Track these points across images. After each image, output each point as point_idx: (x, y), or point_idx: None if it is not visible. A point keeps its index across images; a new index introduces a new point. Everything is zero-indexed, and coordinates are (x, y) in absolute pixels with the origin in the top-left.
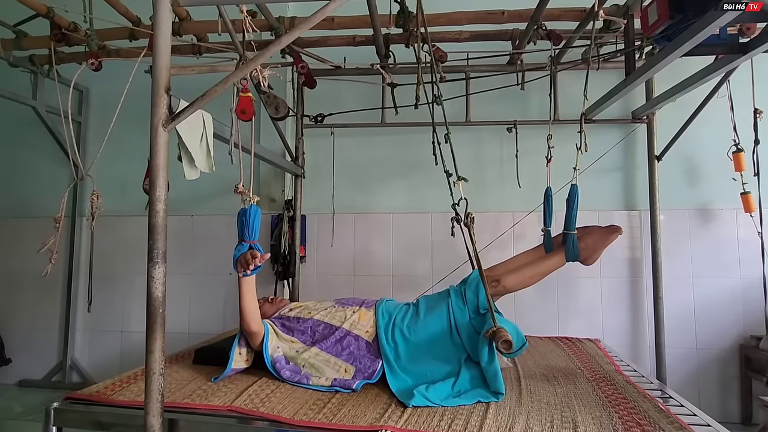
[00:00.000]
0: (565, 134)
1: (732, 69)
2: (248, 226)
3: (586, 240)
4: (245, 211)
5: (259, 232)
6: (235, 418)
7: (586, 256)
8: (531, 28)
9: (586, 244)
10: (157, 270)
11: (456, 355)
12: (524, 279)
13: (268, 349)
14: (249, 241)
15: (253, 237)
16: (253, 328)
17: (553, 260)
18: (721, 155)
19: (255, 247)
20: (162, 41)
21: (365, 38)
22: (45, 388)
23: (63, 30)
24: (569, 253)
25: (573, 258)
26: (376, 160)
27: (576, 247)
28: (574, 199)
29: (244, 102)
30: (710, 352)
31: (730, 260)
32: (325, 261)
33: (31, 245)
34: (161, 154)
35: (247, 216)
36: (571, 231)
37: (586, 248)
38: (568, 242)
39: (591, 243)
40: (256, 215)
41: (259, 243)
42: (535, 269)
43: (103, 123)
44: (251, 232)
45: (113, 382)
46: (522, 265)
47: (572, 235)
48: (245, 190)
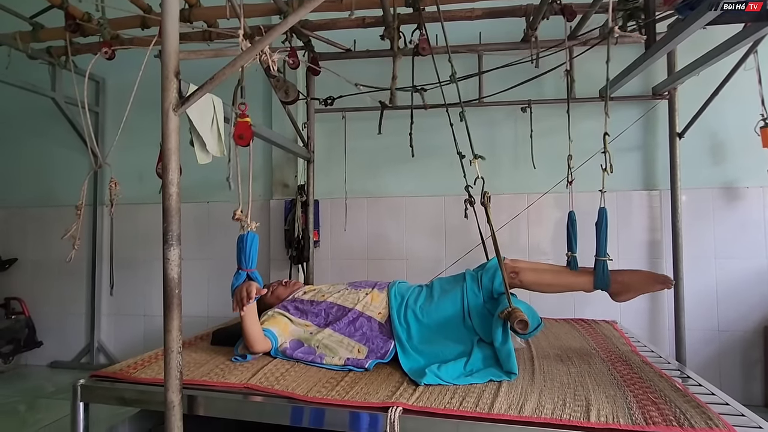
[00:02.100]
0: (582, 112)
1: (760, 38)
2: (245, 253)
3: (625, 276)
4: (242, 237)
5: (257, 258)
6: (251, 394)
7: (617, 291)
8: (545, 3)
9: (623, 279)
10: (172, 252)
11: (468, 337)
12: (542, 282)
13: (275, 349)
14: (246, 270)
15: (250, 265)
16: (258, 349)
17: (579, 279)
18: (748, 131)
19: (252, 275)
20: (170, 25)
21: (375, 19)
22: (74, 369)
23: (77, 20)
24: (598, 280)
25: (602, 286)
26: (388, 144)
27: (606, 275)
28: (603, 222)
29: (241, 127)
30: (733, 334)
31: (755, 240)
32: (339, 245)
33: (56, 233)
34: (173, 138)
35: (245, 243)
36: (602, 257)
37: (621, 284)
38: (597, 268)
39: (629, 282)
40: (253, 242)
41: (257, 271)
42: (557, 278)
43: (120, 113)
44: (248, 260)
45: (135, 361)
46: (546, 269)
47: (603, 262)
48: (243, 216)
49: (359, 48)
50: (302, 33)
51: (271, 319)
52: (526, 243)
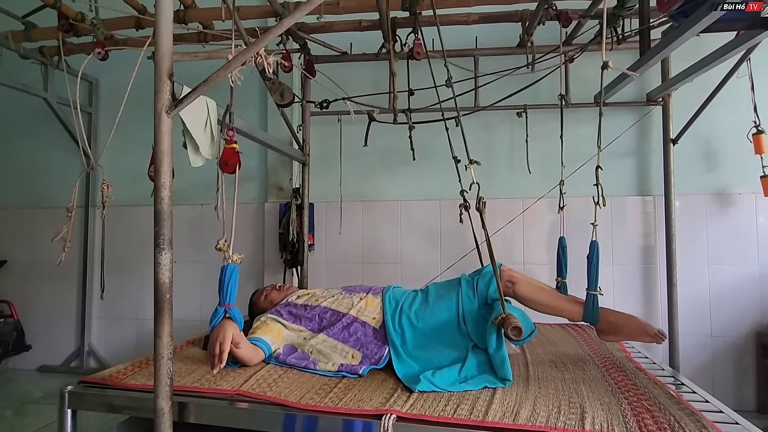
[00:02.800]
0: (577, 118)
1: (753, 46)
2: (224, 288)
3: (618, 318)
4: (223, 269)
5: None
6: (243, 401)
7: (605, 329)
8: (541, 9)
9: (614, 321)
10: (163, 256)
11: (463, 343)
12: (536, 299)
13: (272, 360)
14: (225, 306)
15: (229, 300)
16: (255, 362)
17: (570, 307)
18: (740, 137)
19: (231, 312)
20: (164, 26)
21: (371, 23)
22: (64, 374)
23: (70, 20)
24: (587, 314)
25: (590, 321)
26: (383, 147)
27: (596, 310)
28: (594, 255)
29: (227, 153)
30: (726, 340)
31: (748, 246)
32: (334, 249)
33: (47, 235)
34: (165, 141)
35: (223, 276)
36: (593, 291)
37: (610, 324)
38: (587, 302)
39: (619, 325)
40: (232, 276)
41: (237, 307)
42: (550, 300)
43: (113, 113)
44: (226, 295)
45: (125, 366)
46: (542, 288)
47: (593, 296)
48: (226, 247)
49: (355, 51)
50: (298, 35)
51: (263, 326)
52: (521, 247)
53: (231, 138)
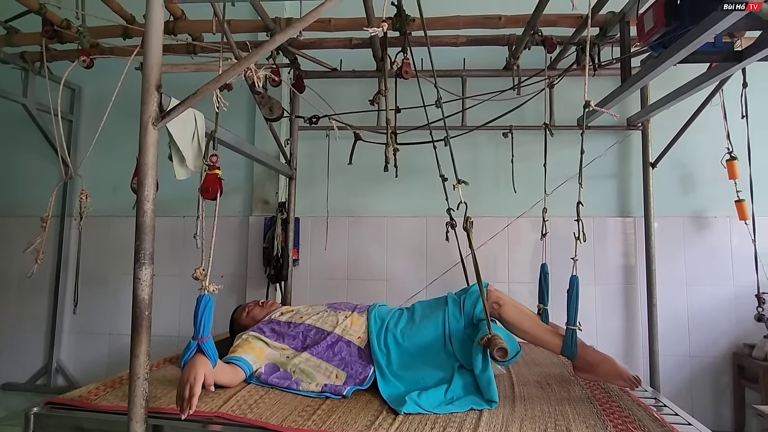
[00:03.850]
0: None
1: (726, 77)
2: (198, 320)
3: (596, 357)
4: (198, 300)
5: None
6: (222, 424)
7: (581, 367)
8: (527, 34)
9: (591, 360)
10: (143, 271)
11: (449, 363)
12: (520, 325)
13: (249, 375)
14: (198, 339)
15: (203, 333)
16: (235, 384)
17: (551, 339)
18: (715, 163)
19: (203, 346)
20: (153, 38)
21: (362, 41)
22: (29, 392)
23: (55, 27)
24: (566, 348)
25: (568, 355)
26: (371, 163)
27: (574, 346)
28: (574, 290)
29: (209, 180)
30: (704, 360)
31: (723, 268)
32: (319, 264)
33: (18, 245)
34: (150, 153)
35: (198, 307)
36: (572, 326)
37: (587, 363)
38: (566, 336)
39: (596, 366)
40: (207, 308)
41: (212, 339)
42: (533, 329)
43: (95, 122)
44: (200, 327)
45: (97, 386)
46: (528, 316)
47: (572, 331)
48: (203, 275)
49: (345, 68)
50: (288, 51)
51: (245, 344)
52: (506, 265)
53: (214, 164)
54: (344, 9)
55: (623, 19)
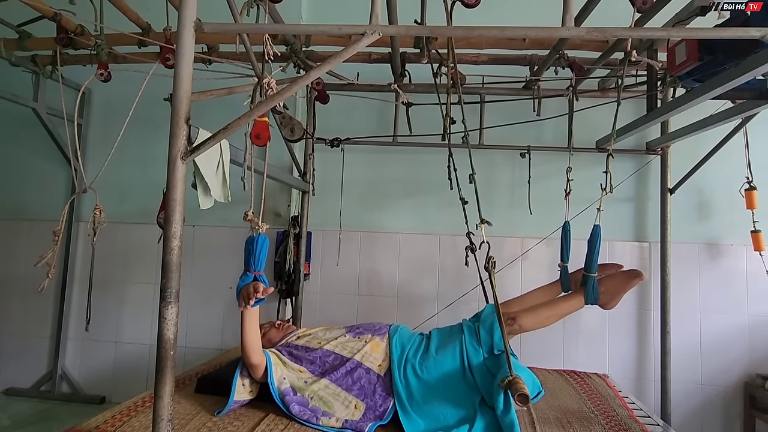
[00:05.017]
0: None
1: (753, 114)
2: (255, 255)
3: (607, 284)
4: (253, 239)
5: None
6: None
7: (605, 301)
8: (552, 57)
9: (606, 288)
10: (169, 310)
11: (470, 398)
12: (541, 319)
13: (273, 381)
14: (254, 272)
15: (258, 267)
16: (253, 360)
17: (572, 302)
18: (734, 191)
19: (260, 278)
20: (184, 69)
21: (381, 56)
22: (33, 398)
23: (69, 34)
24: (589, 296)
25: (593, 301)
26: (385, 179)
27: (596, 290)
28: (596, 240)
29: (259, 126)
30: (715, 389)
31: (738, 296)
32: (330, 279)
33: (25, 248)
34: (179, 188)
35: (255, 245)
36: (592, 273)
37: (606, 293)
38: (588, 285)
39: (612, 287)
40: (263, 245)
41: (265, 274)
42: (553, 309)
43: (104, 125)
44: (257, 262)
45: (113, 415)
46: (539, 304)
47: (593, 278)
48: (254, 218)
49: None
50: (307, 64)
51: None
52: (519, 285)
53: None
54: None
55: (651, 46)
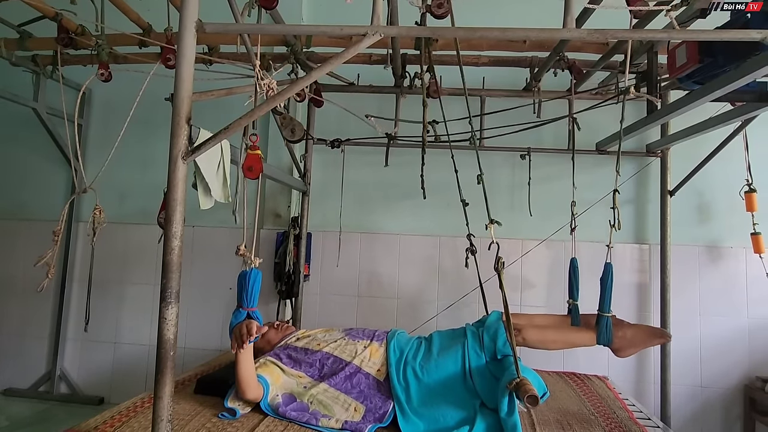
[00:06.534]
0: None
1: (753, 117)
2: (247, 291)
3: (626, 331)
4: (245, 274)
5: (259, 296)
6: None
7: (620, 346)
8: (552, 59)
9: (625, 335)
10: (169, 310)
11: (470, 401)
12: (546, 340)
13: (266, 401)
14: (247, 308)
15: (252, 303)
16: (249, 396)
17: (582, 335)
18: (733, 193)
19: (253, 315)
20: (185, 70)
21: (381, 57)
22: (31, 399)
23: (70, 34)
24: (601, 337)
25: (605, 342)
26: (386, 180)
27: (609, 332)
28: (608, 278)
29: (251, 159)
30: (715, 391)
31: (737, 299)
32: (329, 280)
33: (24, 248)
34: (179, 188)
35: (247, 280)
36: (605, 313)
37: (623, 339)
38: (600, 324)
39: (632, 336)
40: (256, 280)
41: (258, 310)
42: (561, 335)
43: (104, 125)
44: (250, 298)
45: (112, 415)
46: (548, 325)
47: (606, 318)
48: (247, 252)
49: (362, 82)
50: (307, 65)
51: (263, 366)
52: (519, 289)
53: (254, 143)
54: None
55: (652, 49)
